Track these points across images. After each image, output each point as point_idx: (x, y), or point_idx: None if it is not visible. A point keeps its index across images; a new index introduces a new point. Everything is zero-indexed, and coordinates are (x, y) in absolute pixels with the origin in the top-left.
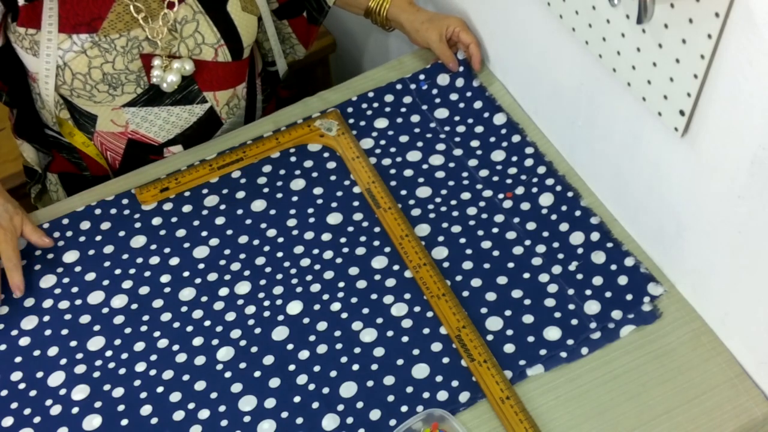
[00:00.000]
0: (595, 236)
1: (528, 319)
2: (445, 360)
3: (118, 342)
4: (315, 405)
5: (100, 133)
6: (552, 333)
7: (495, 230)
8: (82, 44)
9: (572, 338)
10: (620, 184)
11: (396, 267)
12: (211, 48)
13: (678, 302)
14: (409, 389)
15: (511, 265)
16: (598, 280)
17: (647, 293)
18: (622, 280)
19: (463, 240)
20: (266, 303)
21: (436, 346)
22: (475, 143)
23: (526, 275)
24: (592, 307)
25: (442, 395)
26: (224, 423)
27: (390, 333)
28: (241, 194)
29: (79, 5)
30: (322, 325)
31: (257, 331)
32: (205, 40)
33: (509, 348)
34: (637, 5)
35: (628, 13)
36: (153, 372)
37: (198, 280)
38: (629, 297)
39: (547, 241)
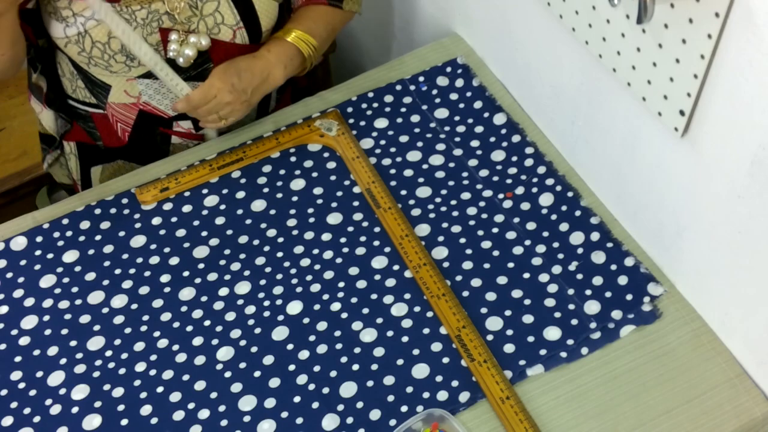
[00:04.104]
0: (595, 236)
1: (528, 319)
2: (445, 360)
3: (118, 342)
4: (315, 405)
5: (111, 104)
6: (552, 333)
7: (495, 230)
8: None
9: (572, 338)
10: (620, 184)
11: (396, 267)
12: (230, 29)
13: (678, 302)
14: (409, 389)
15: (511, 265)
16: (598, 280)
17: (647, 293)
18: (622, 280)
19: (463, 240)
20: (266, 303)
21: (436, 346)
22: (475, 143)
23: (526, 275)
24: (592, 307)
25: (442, 395)
26: (224, 423)
27: (390, 333)
28: (241, 194)
29: None
30: (322, 325)
31: (257, 331)
32: (225, 21)
33: (509, 348)
34: (637, 5)
35: (628, 13)
36: (153, 372)
37: (198, 280)
38: (629, 297)
39: (547, 241)
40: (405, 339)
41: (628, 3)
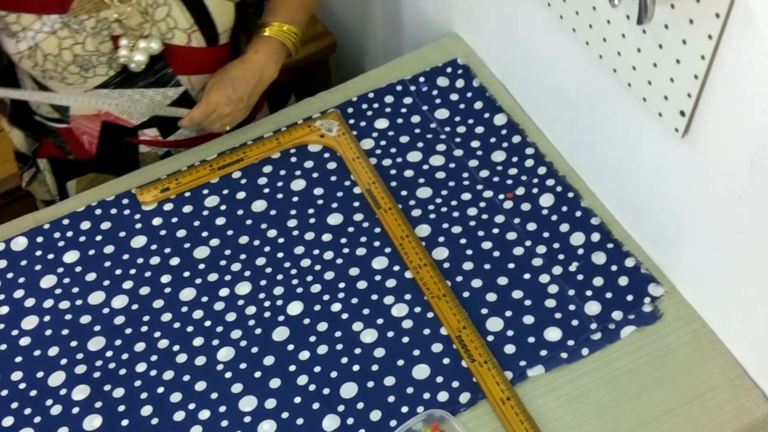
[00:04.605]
0: (595, 237)
1: (528, 319)
2: (446, 361)
3: (118, 342)
4: (315, 405)
5: (74, 117)
6: (552, 334)
7: (495, 231)
8: (52, 25)
9: (573, 339)
10: (621, 184)
11: (396, 267)
12: (184, 33)
13: (678, 303)
14: (410, 390)
15: (511, 265)
16: (598, 281)
17: (648, 294)
18: (623, 280)
19: (463, 240)
20: (267, 303)
21: (437, 347)
22: (475, 144)
23: (527, 276)
24: (593, 308)
25: (443, 396)
26: (225, 423)
27: (390, 333)
28: (241, 195)
29: None
30: (322, 326)
31: (258, 331)
32: (178, 25)
33: (510, 349)
34: (637, 6)
35: (629, 14)
36: (153, 372)
37: (198, 281)
38: (630, 298)
39: (548, 242)
40: (405, 340)
41: (628, 4)
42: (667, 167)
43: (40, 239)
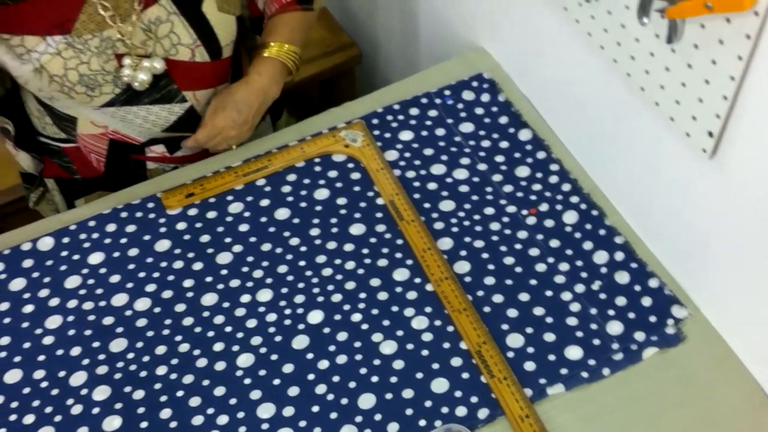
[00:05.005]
0: (619, 256)
1: (549, 337)
2: (465, 375)
3: (140, 345)
4: (333, 415)
5: (81, 135)
6: (573, 352)
7: (518, 246)
8: (56, 46)
9: (594, 358)
10: (646, 203)
11: (417, 280)
12: (188, 48)
13: (702, 326)
14: (428, 403)
15: (533, 282)
16: (621, 301)
17: (671, 315)
18: (646, 301)
19: (485, 255)
20: (287, 311)
21: (456, 361)
22: (499, 158)
23: (549, 293)
24: (615, 328)
25: (461, 411)
26: (242, 429)
27: (410, 346)
28: (265, 202)
29: (49, 7)
30: (342, 336)
31: (278, 339)
32: (181, 41)
33: (530, 366)
34: (667, 25)
35: (658, 33)
36: (173, 376)
37: (220, 286)
38: (653, 319)
39: (571, 260)
40: (425, 352)
41: (658, 22)
42: (694, 188)
43: (66, 240)
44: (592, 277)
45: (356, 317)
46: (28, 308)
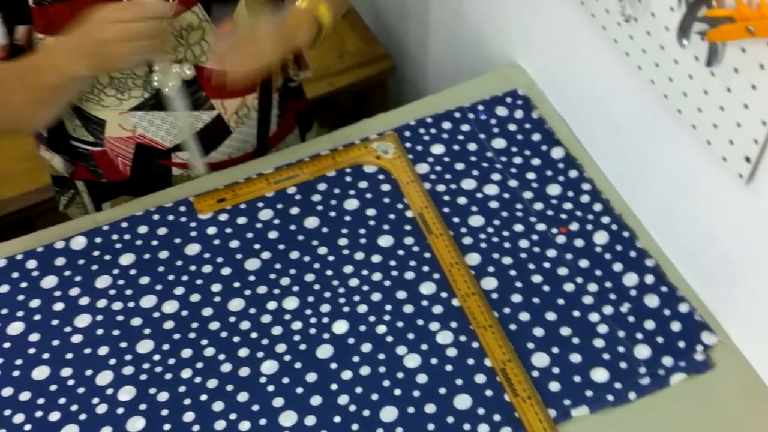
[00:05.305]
0: (649, 279)
1: (575, 358)
2: (488, 393)
3: (166, 347)
4: (355, 427)
5: (109, 139)
6: (599, 374)
7: (546, 265)
8: None
9: (620, 382)
10: (678, 227)
11: (444, 294)
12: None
13: (732, 353)
14: (450, 419)
15: (561, 301)
16: (650, 324)
17: (700, 341)
18: (675, 326)
19: (513, 272)
20: (313, 320)
21: (480, 378)
22: (531, 175)
23: (576, 313)
24: (643, 352)
25: (483, 428)
26: None
27: (434, 360)
28: (295, 210)
29: (83, 9)
30: (366, 347)
31: (302, 347)
32: (211, 48)
33: (554, 386)
34: (707, 48)
35: (698, 55)
36: (198, 379)
37: (248, 292)
38: (681, 344)
39: (600, 281)
40: (449, 368)
41: (697, 45)
42: (728, 213)
43: (98, 240)
44: (621, 299)
45: (381, 329)
46: (59, 306)
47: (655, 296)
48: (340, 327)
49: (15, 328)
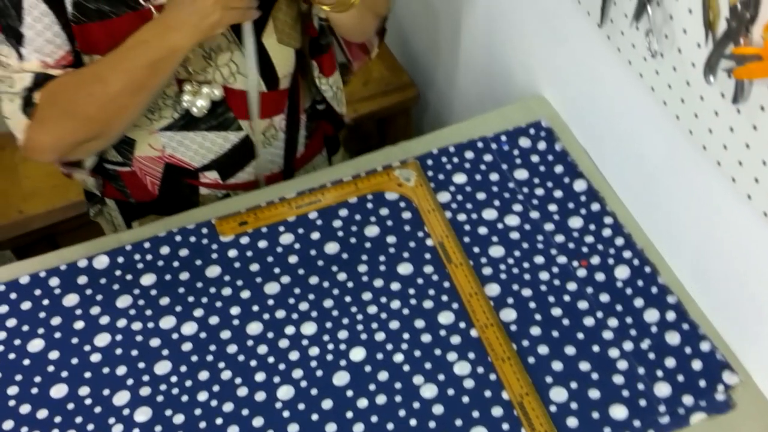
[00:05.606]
0: (670, 316)
1: (594, 393)
2: (505, 426)
3: (183, 369)
4: None
5: (138, 158)
6: (618, 411)
7: (567, 298)
8: None
9: (639, 419)
10: (701, 264)
11: (462, 324)
12: (245, 77)
13: (753, 394)
14: None
15: (580, 336)
16: (670, 362)
17: (722, 381)
18: (696, 364)
19: (533, 304)
20: (330, 346)
21: (497, 411)
22: (552, 207)
23: (596, 348)
24: (663, 390)
25: None
26: None
27: (451, 391)
28: (315, 235)
29: (117, 29)
30: (383, 375)
31: (319, 373)
32: (240, 69)
33: (572, 422)
34: (733, 85)
35: (724, 92)
36: (214, 402)
37: (266, 316)
38: (702, 383)
39: (620, 316)
40: (465, 399)
41: (724, 82)
42: (752, 251)
43: (120, 259)
44: (641, 336)
45: (398, 358)
46: (79, 324)
47: (676, 333)
48: (358, 354)
49: (35, 345)
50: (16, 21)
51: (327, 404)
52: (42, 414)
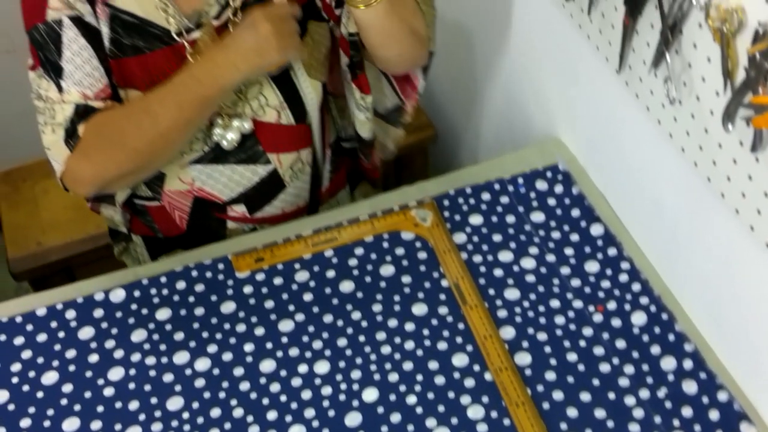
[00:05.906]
0: (687, 364)
1: None
2: None
3: (195, 405)
4: None
5: (167, 192)
6: None
7: (582, 343)
8: None
9: None
10: (719, 312)
11: (476, 367)
12: (274, 110)
13: None
14: None
15: (596, 382)
16: (687, 412)
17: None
18: (713, 414)
19: (548, 349)
20: (343, 386)
21: None
22: (569, 251)
23: (612, 395)
24: None
25: None
26: None
27: None
28: (331, 273)
29: (150, 63)
30: (395, 417)
31: (331, 413)
32: (269, 102)
33: None
34: (752, 133)
35: (742, 140)
36: None
37: (280, 354)
38: None
39: (637, 363)
40: None
41: (742, 130)
42: None
43: (137, 293)
44: (658, 383)
45: (411, 399)
46: (94, 358)
47: (693, 382)
48: (370, 395)
49: (49, 377)
50: (55, 55)
51: None
52: None
